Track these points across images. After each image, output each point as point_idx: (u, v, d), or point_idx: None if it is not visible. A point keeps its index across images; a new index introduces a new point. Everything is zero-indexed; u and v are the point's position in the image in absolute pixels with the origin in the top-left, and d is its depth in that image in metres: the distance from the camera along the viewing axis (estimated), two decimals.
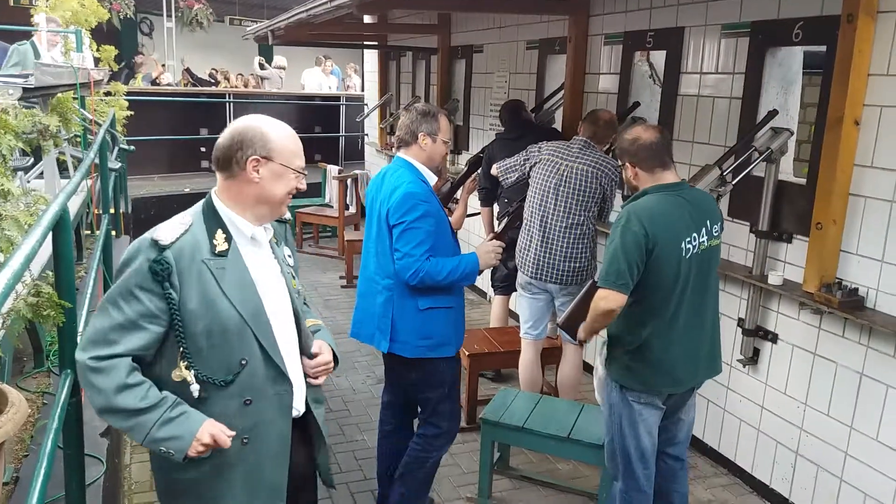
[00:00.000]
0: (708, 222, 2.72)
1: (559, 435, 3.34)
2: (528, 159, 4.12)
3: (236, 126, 2.00)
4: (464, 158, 6.94)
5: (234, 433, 1.91)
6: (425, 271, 2.85)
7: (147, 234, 1.91)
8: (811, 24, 3.34)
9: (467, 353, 4.23)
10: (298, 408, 2.13)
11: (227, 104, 10.61)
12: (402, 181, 2.95)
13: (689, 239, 2.63)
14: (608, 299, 2.61)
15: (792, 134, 3.48)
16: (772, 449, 3.61)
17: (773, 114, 3.51)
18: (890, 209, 2.99)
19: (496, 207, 5.09)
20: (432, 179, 3.06)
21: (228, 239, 1.96)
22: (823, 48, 3.30)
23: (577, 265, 3.91)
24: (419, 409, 3.22)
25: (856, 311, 3.06)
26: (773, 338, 3.55)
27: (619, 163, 2.85)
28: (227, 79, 13.72)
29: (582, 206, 3.89)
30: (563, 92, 5.24)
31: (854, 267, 3.15)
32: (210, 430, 1.87)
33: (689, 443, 3.03)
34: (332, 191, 8.68)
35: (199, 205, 2.01)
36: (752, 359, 3.66)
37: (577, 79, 5.06)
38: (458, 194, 5.47)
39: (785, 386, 3.52)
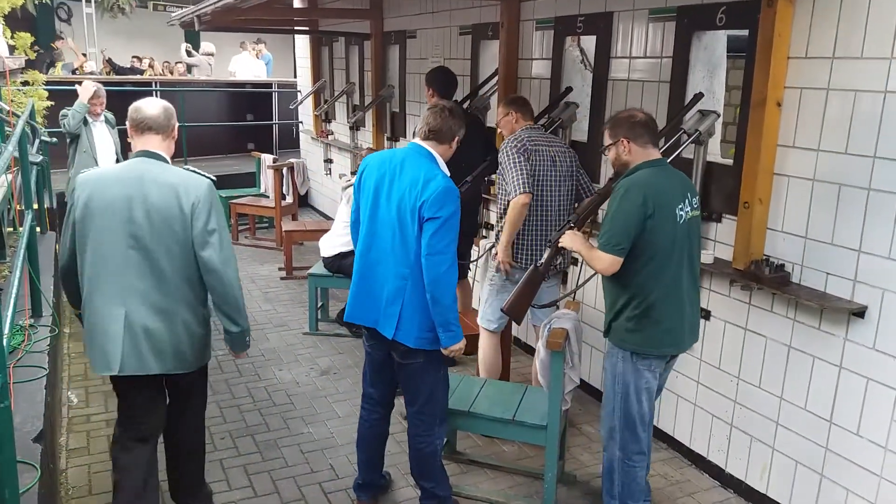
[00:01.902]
0: (689, 195, 2.95)
1: (504, 417, 3.39)
2: (523, 151, 3.85)
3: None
4: (401, 145, 6.91)
5: None
6: (453, 274, 2.92)
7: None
8: (734, 9, 3.44)
9: None
10: None
11: (155, 93, 10.28)
12: (436, 174, 2.94)
13: (680, 206, 2.88)
14: (602, 260, 2.86)
15: (718, 116, 3.59)
16: (708, 422, 3.74)
17: (699, 96, 3.62)
18: (812, 187, 3.11)
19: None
20: (446, 172, 3.10)
21: None
22: (746, 32, 3.40)
23: None
24: (409, 401, 3.24)
25: (783, 286, 3.19)
26: (706, 315, 3.67)
27: (615, 139, 2.95)
28: (152, 66, 13.28)
29: (571, 189, 4.01)
30: (497, 78, 5.27)
31: (780, 244, 3.28)
32: None
33: None
34: (267, 180, 8.53)
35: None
36: None
37: (510, 64, 5.09)
38: None
39: (719, 361, 3.65)
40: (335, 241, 5.40)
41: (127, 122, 2.94)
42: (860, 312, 2.92)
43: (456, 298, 3.02)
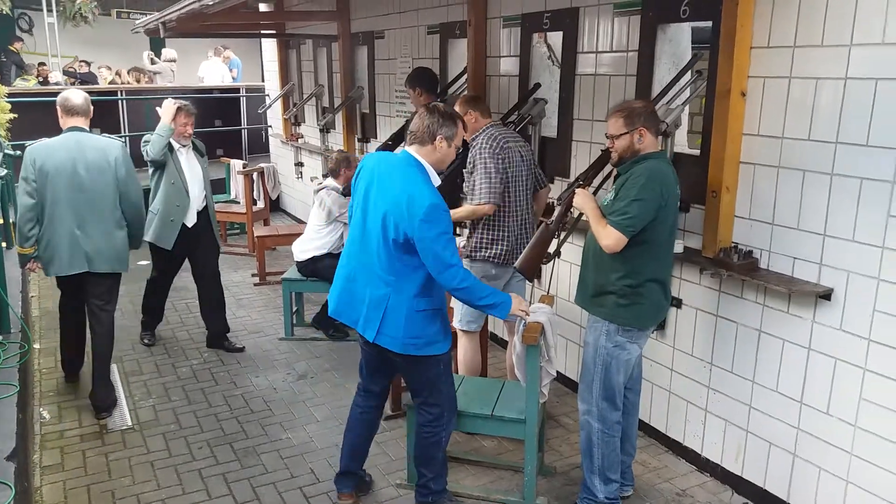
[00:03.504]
0: (676, 185, 3.10)
1: (483, 413, 3.41)
2: (500, 157, 3.87)
3: None
4: (373, 147, 6.91)
5: None
6: (470, 282, 2.94)
7: None
8: (697, 1, 3.48)
9: None
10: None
11: (120, 101, 10.16)
12: (419, 190, 2.89)
13: (677, 194, 3.07)
14: (611, 236, 2.94)
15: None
16: (683, 408, 3.79)
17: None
18: (777, 174, 3.17)
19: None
20: (436, 181, 3.05)
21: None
22: (709, 24, 3.46)
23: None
24: (414, 393, 3.29)
25: (752, 272, 3.24)
26: (678, 303, 3.72)
27: (632, 127, 3.03)
28: (119, 75, 13.11)
29: (532, 183, 4.07)
30: (466, 76, 5.28)
31: (748, 231, 3.34)
32: None
33: None
34: (237, 186, 8.47)
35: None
36: (660, 325, 3.82)
37: (478, 62, 5.12)
38: None
39: (692, 348, 3.70)
40: (308, 245, 5.38)
41: (58, 108, 4.26)
42: (827, 295, 2.98)
43: (487, 290, 3.02)
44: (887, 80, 2.71)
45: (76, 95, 4.27)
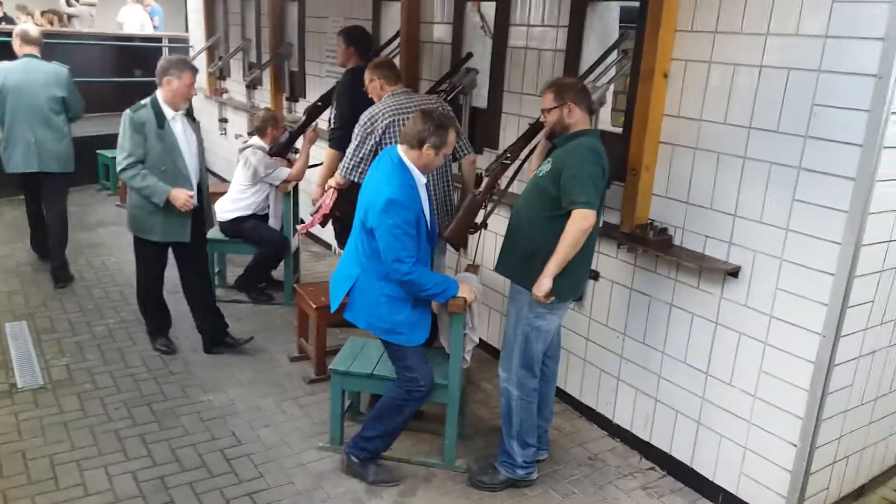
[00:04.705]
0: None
1: None
2: (369, 134, 3.89)
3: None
4: (301, 106, 6.80)
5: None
6: (414, 276, 3.11)
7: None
8: None
9: (314, 307, 4.25)
10: None
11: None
12: (390, 186, 3.11)
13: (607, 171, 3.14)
14: (588, 218, 2.98)
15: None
16: (596, 376, 3.96)
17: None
18: (694, 155, 3.31)
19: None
20: (422, 180, 3.25)
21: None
22: (637, 3, 3.54)
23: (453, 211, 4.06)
24: (390, 359, 3.41)
25: (666, 248, 3.39)
26: (595, 275, 3.86)
27: (561, 102, 3.11)
28: (32, 16, 12.34)
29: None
30: (398, 40, 5.24)
31: (664, 208, 3.48)
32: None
33: None
34: None
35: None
36: (579, 296, 3.95)
37: (412, 27, 5.08)
38: (299, 144, 5.40)
39: (607, 318, 3.85)
40: (232, 206, 5.29)
41: (16, 38, 5.47)
42: (734, 272, 3.15)
43: (436, 282, 3.18)
44: (799, 70, 2.85)
45: (33, 29, 5.73)
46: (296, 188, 5.51)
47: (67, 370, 4.29)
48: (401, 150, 3.23)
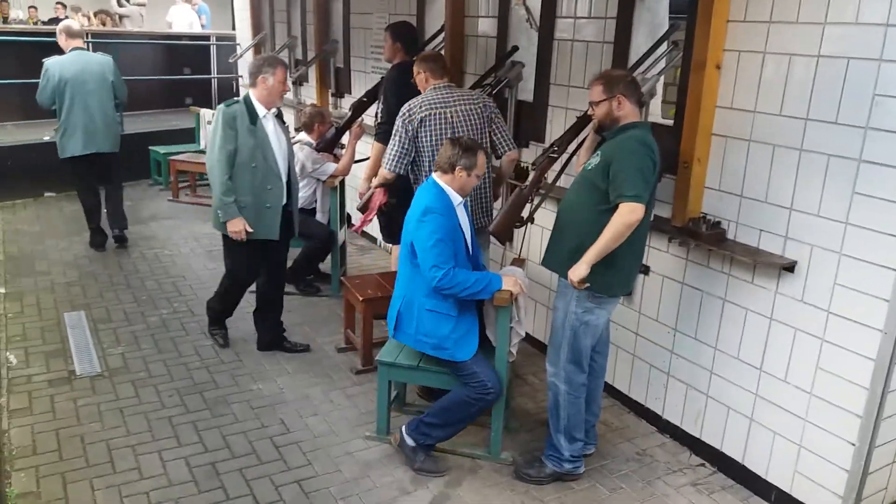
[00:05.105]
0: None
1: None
2: (408, 124, 3.93)
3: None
4: (347, 102, 6.85)
5: None
6: (452, 277, 3.19)
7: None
8: None
9: (361, 299, 4.28)
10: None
11: (87, 45, 9.84)
12: (426, 199, 3.29)
13: (659, 165, 3.09)
14: (636, 212, 2.94)
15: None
16: (646, 372, 3.91)
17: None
18: (748, 147, 3.25)
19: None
20: (458, 199, 3.37)
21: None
22: None
23: (492, 206, 4.04)
24: None
25: (719, 242, 3.34)
26: (646, 270, 3.82)
27: (610, 94, 3.08)
28: (89, 18, 12.68)
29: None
30: (443, 34, 5.25)
31: (717, 202, 3.42)
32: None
33: None
34: (207, 136, 8.33)
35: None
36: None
37: (456, 21, 5.08)
38: (345, 140, 5.46)
39: (657, 314, 3.80)
40: None
41: (61, 34, 6.05)
42: (790, 267, 3.09)
43: (476, 278, 3.25)
44: (858, 60, 2.77)
45: (75, 24, 6.48)
46: (342, 183, 5.56)
47: (123, 359, 4.41)
48: (436, 176, 3.37)
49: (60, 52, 6.04)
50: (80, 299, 5.28)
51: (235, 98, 4.23)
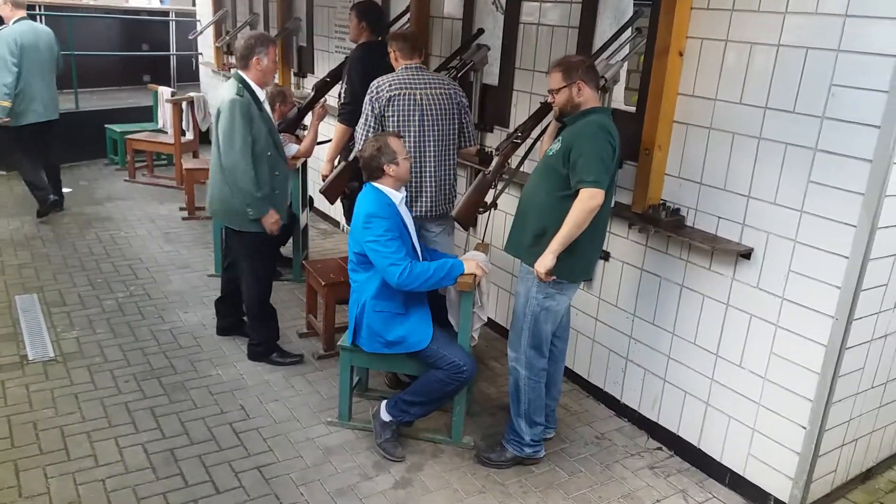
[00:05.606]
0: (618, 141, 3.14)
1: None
2: (375, 101, 3.85)
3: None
4: (310, 82, 6.75)
5: None
6: (413, 270, 3.20)
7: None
8: None
9: (323, 283, 4.25)
10: None
11: (38, 17, 9.53)
12: (364, 205, 3.32)
13: (618, 150, 3.09)
14: (596, 197, 2.94)
15: (623, 64, 3.69)
16: (605, 357, 3.96)
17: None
18: (708, 135, 3.28)
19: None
20: (399, 196, 3.39)
21: None
22: None
23: (455, 191, 4.02)
24: None
25: (678, 229, 3.37)
26: (606, 256, 3.84)
27: (570, 81, 3.08)
28: None
29: (451, 133, 3.93)
30: (409, 15, 5.19)
31: (676, 189, 3.45)
32: None
33: None
34: (165, 115, 8.16)
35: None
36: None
37: (422, 1, 5.02)
38: (307, 121, 5.37)
39: (616, 299, 3.84)
40: None
41: (6, 3, 6.02)
42: (747, 254, 3.14)
43: (437, 266, 3.25)
44: (816, 50, 2.81)
45: None
46: (304, 165, 5.49)
47: (77, 343, 4.32)
48: (372, 185, 3.37)
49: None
50: (33, 282, 5.15)
51: (237, 85, 3.84)
